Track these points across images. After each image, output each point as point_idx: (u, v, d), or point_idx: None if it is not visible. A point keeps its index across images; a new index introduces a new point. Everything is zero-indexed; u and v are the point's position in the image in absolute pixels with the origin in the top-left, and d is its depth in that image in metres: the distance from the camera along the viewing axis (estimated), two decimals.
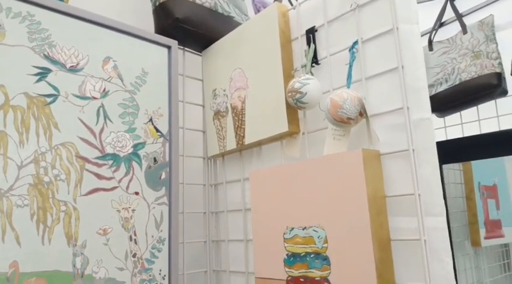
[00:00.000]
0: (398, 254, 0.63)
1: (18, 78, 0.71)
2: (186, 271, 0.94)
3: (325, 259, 0.66)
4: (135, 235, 0.80)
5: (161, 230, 0.84)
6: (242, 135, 0.91)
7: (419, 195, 0.61)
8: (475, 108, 1.30)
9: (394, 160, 0.65)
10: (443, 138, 1.31)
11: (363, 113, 0.66)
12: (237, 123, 0.93)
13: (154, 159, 0.86)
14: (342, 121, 0.66)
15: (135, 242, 0.80)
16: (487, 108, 1.29)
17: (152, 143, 0.87)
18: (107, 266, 0.75)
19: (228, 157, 1.01)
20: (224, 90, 0.98)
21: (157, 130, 0.88)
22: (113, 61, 0.84)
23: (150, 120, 0.88)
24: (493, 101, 1.24)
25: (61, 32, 0.77)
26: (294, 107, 0.77)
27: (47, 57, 0.75)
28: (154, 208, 0.84)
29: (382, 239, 0.62)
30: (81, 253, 0.72)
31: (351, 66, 0.71)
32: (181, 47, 1.04)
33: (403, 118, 0.64)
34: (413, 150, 0.62)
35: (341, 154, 0.66)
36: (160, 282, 0.81)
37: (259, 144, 0.90)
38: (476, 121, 1.32)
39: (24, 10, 0.73)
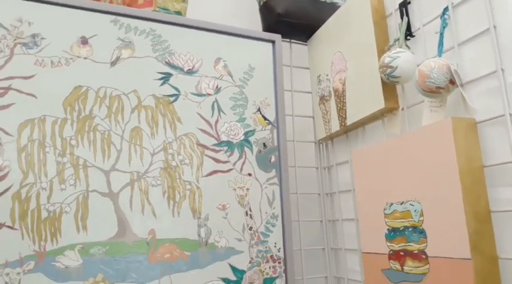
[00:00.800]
0: (502, 227, 0.60)
1: (147, 83, 0.86)
2: (303, 247, 1.00)
3: (422, 232, 0.66)
4: (250, 210, 0.90)
5: (274, 208, 0.92)
6: (344, 116, 0.94)
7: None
8: None
9: (493, 128, 0.62)
10: None
11: (454, 81, 0.64)
12: (339, 105, 0.96)
13: (264, 144, 0.95)
14: (431, 92, 0.65)
15: (251, 217, 0.89)
16: None
17: (261, 130, 0.96)
18: (227, 237, 0.86)
19: (336, 139, 1.05)
20: (327, 75, 1.02)
21: (265, 119, 0.97)
22: (223, 61, 0.95)
23: (258, 109, 0.97)
24: None
25: (178, 41, 0.91)
26: (388, 83, 0.78)
27: (168, 64, 0.89)
28: (266, 187, 0.93)
29: (479, 211, 0.59)
30: (205, 225, 0.85)
31: (441, 34, 0.69)
32: (288, 40, 1.12)
33: (498, 82, 0.60)
34: (510, 115, 0.59)
35: (431, 126, 0.66)
36: (275, 254, 0.90)
37: (362, 124, 0.92)
38: None
39: (148, 27, 0.89)
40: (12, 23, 0.78)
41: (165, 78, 0.89)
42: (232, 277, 0.85)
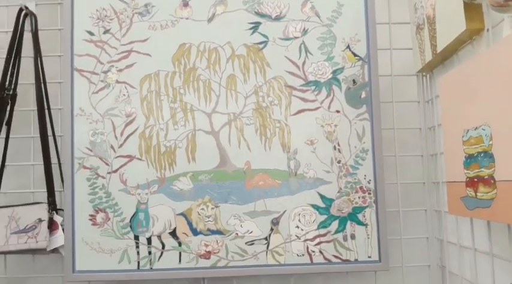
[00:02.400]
0: None
1: (239, 34, 0.97)
2: (400, 181, 1.02)
3: (491, 156, 0.63)
4: (338, 145, 0.95)
5: (364, 142, 0.96)
6: (435, 44, 0.89)
7: None
8: None
9: None
10: None
11: None
12: (431, 33, 0.91)
13: (354, 81, 0.97)
14: (500, 6, 0.59)
15: (339, 151, 0.95)
16: None
17: (350, 67, 0.98)
18: (315, 169, 0.94)
19: (435, 70, 1.00)
20: (421, 2, 0.97)
21: (355, 55, 0.98)
22: (310, 2, 0.99)
23: (348, 46, 0.98)
24: None
25: None
26: (470, 3, 0.72)
27: (257, 13, 0.98)
28: (355, 123, 0.96)
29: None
30: (294, 158, 0.94)
31: None
32: None
33: None
34: None
35: (501, 42, 0.60)
36: (365, 185, 0.94)
37: (454, 50, 0.86)
38: None
39: None
40: None
41: (255, 27, 0.98)
42: (321, 204, 0.93)
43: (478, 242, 0.78)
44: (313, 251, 0.92)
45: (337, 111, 0.97)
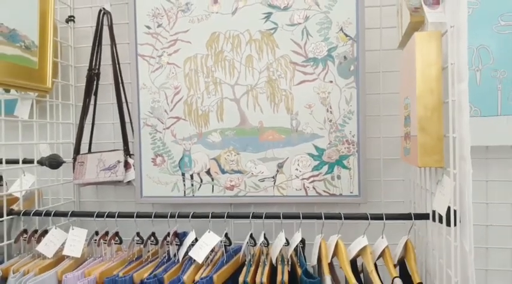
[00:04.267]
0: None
1: (255, 22, 1.27)
2: (382, 135, 1.28)
3: (409, 119, 0.89)
4: (330, 108, 1.23)
5: (350, 106, 1.23)
6: (401, 27, 1.11)
7: (451, 64, 0.75)
8: None
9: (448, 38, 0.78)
10: None
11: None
12: (401, 19, 1.13)
13: (344, 57, 1.23)
14: (413, 11, 0.84)
15: (331, 113, 1.23)
16: None
17: (342, 45, 1.23)
18: (311, 126, 1.24)
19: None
20: None
21: (347, 35, 1.23)
22: None
23: (341, 29, 1.24)
24: None
25: None
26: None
27: (270, 5, 1.26)
28: (345, 91, 1.23)
29: (429, 103, 0.80)
30: (296, 118, 1.24)
31: None
32: None
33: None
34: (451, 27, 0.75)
35: (412, 38, 0.85)
36: (350, 139, 1.22)
37: (410, 34, 1.08)
38: None
39: None
40: None
41: (267, 16, 1.26)
42: (315, 153, 1.24)
43: (428, 184, 1.04)
44: (308, 187, 1.24)
45: (331, 81, 1.24)
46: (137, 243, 1.16)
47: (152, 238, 1.15)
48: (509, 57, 1.09)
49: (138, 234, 1.15)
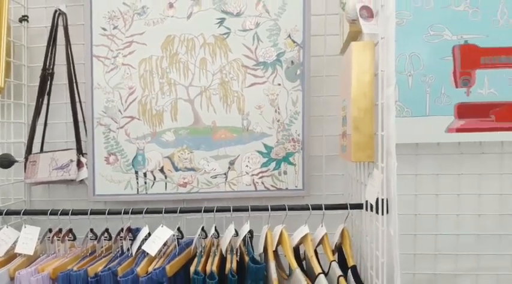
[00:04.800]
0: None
1: (209, 27, 1.34)
2: (325, 134, 1.39)
3: (346, 119, 0.99)
4: (278, 109, 1.33)
5: (296, 107, 1.33)
6: (343, 35, 1.23)
7: (382, 71, 0.86)
8: None
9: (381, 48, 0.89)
10: None
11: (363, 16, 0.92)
12: (342, 28, 1.24)
13: (292, 62, 1.33)
14: (351, 23, 0.95)
15: (279, 113, 1.33)
16: None
17: (290, 51, 1.33)
18: (261, 126, 1.33)
19: None
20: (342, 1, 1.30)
21: (294, 42, 1.33)
22: (262, 2, 1.34)
23: (289, 35, 1.34)
24: None
25: None
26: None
27: (223, 11, 1.34)
28: (291, 93, 1.33)
29: (362, 105, 0.91)
30: (247, 118, 1.33)
31: None
32: None
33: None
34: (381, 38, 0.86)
35: (349, 47, 0.96)
36: (295, 137, 1.32)
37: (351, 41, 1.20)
38: None
39: None
40: (131, 1, 1.35)
41: (221, 21, 1.34)
42: (264, 150, 1.33)
43: (362, 177, 1.15)
44: (257, 182, 1.33)
45: (279, 84, 1.34)
46: (91, 239, 1.19)
47: (106, 234, 1.19)
48: (436, 64, 1.23)
49: (91, 230, 1.19)
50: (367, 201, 1.01)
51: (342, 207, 1.09)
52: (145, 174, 1.36)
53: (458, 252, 1.38)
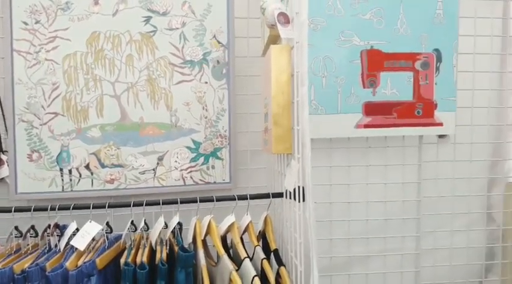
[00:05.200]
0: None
1: (135, 24, 1.38)
2: (250, 129, 1.49)
3: (268, 116, 1.10)
4: (206, 106, 1.40)
5: (223, 104, 1.41)
6: (264, 39, 1.33)
7: (297, 72, 0.97)
8: None
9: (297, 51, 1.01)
10: None
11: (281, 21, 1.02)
12: (263, 32, 1.35)
13: (218, 61, 1.41)
14: (270, 27, 1.05)
15: (206, 110, 1.40)
16: None
17: (216, 51, 1.41)
18: (189, 122, 1.40)
19: None
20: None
21: (219, 42, 1.42)
22: (188, 3, 1.40)
23: (214, 36, 1.41)
24: None
25: None
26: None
27: (149, 10, 1.38)
28: (218, 91, 1.41)
29: (281, 102, 1.02)
30: (175, 115, 1.39)
31: None
32: None
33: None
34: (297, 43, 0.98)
35: (270, 49, 1.06)
36: (223, 133, 1.41)
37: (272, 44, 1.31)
38: None
39: None
40: None
41: (147, 20, 1.38)
42: (193, 146, 1.40)
43: (283, 168, 1.26)
44: (186, 177, 1.40)
45: (206, 82, 1.41)
46: (16, 237, 1.18)
47: (32, 230, 1.18)
48: (347, 66, 1.38)
49: (16, 228, 1.18)
50: (286, 190, 1.12)
51: (265, 196, 1.19)
52: (70, 171, 1.36)
53: (368, 236, 1.56)
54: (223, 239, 1.21)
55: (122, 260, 1.09)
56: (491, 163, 1.63)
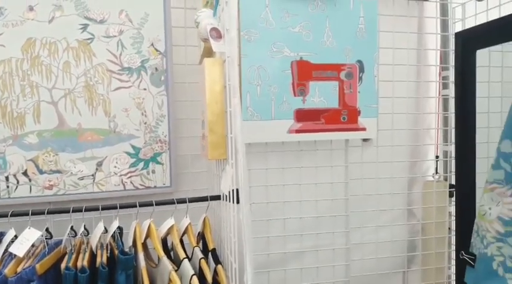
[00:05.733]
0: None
1: (72, 32, 1.40)
2: (190, 134, 1.56)
3: (204, 123, 1.18)
4: (145, 112, 1.46)
5: (162, 110, 1.48)
6: (201, 48, 1.42)
7: (229, 84, 1.07)
8: None
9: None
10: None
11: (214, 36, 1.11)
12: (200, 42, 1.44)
13: (156, 68, 1.48)
14: (203, 41, 1.14)
15: (145, 116, 1.46)
16: None
17: (154, 59, 1.47)
18: (128, 128, 1.45)
19: None
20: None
21: (157, 50, 1.48)
22: (125, 11, 1.45)
23: (152, 44, 1.47)
24: None
25: (93, 0, 1.41)
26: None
27: (86, 18, 1.41)
28: (157, 97, 1.48)
29: (215, 110, 1.11)
30: (113, 120, 1.43)
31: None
32: None
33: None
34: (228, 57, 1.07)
35: (204, 61, 1.15)
36: (162, 138, 1.48)
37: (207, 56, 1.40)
38: None
39: None
40: None
41: (84, 27, 1.41)
42: (132, 151, 1.46)
43: (220, 172, 1.35)
44: (126, 182, 1.45)
45: (144, 89, 1.47)
46: None
47: None
48: (279, 76, 1.50)
49: None
50: (223, 193, 1.21)
51: (203, 199, 1.28)
52: (7, 178, 1.36)
53: (302, 233, 1.69)
54: (164, 241, 1.28)
55: (63, 265, 1.13)
56: (411, 164, 1.83)
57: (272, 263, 1.68)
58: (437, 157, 1.81)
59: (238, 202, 1.10)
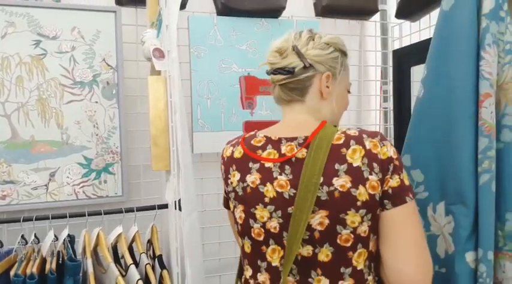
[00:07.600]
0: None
1: (25, 47, 1.49)
2: (142, 145, 1.66)
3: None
4: (97, 124, 1.56)
5: (114, 122, 1.58)
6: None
7: (170, 101, 1.18)
8: None
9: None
10: None
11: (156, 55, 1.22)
12: None
13: (107, 82, 1.58)
14: (147, 60, 1.25)
15: (97, 128, 1.56)
16: None
17: (105, 73, 1.58)
18: (80, 140, 1.54)
19: None
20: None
21: (108, 65, 1.58)
22: (77, 28, 1.55)
23: (104, 59, 1.57)
24: None
25: (45, 18, 1.51)
26: None
27: (39, 34, 1.50)
28: (109, 110, 1.58)
29: (159, 126, 1.22)
30: (66, 132, 1.53)
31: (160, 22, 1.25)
32: (134, 6, 1.67)
33: None
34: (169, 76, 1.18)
35: (149, 79, 1.26)
36: (114, 149, 1.57)
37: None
38: None
39: (24, 11, 1.48)
40: None
41: (37, 43, 1.50)
42: (85, 162, 1.55)
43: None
44: (78, 192, 1.55)
45: (96, 102, 1.57)
46: None
47: None
48: (228, 90, 1.63)
49: None
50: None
51: (151, 208, 1.38)
52: None
53: None
54: (115, 249, 1.38)
55: (12, 272, 1.22)
56: None
57: (224, 267, 1.79)
58: None
59: (180, 210, 1.21)
